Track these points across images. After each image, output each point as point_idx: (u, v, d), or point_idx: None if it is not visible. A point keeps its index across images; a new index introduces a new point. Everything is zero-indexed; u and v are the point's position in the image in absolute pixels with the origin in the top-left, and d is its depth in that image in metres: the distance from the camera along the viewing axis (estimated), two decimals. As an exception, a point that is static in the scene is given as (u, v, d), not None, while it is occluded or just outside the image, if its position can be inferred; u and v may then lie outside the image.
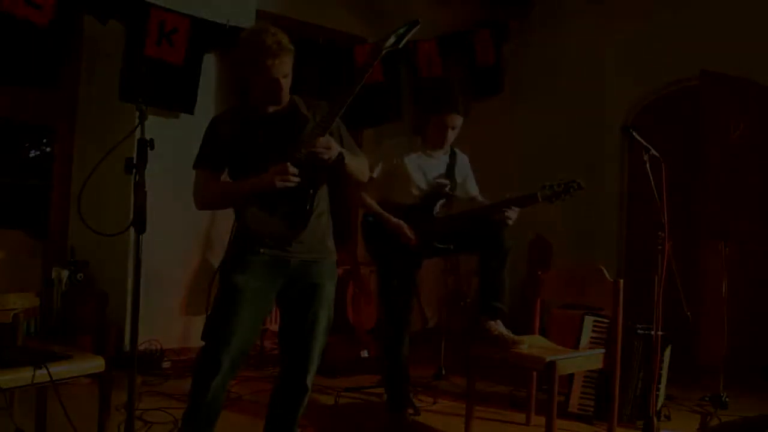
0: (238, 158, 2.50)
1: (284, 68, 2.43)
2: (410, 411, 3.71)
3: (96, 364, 2.65)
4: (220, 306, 2.49)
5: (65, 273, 4.35)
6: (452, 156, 3.65)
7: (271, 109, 2.53)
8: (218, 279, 2.55)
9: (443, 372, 4.60)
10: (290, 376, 2.59)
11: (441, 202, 3.58)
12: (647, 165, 3.24)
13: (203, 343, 2.50)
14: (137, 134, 2.09)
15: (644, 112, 5.67)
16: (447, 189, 3.59)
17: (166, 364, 4.49)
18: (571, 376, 3.75)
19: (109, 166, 2.18)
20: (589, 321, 3.61)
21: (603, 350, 3.40)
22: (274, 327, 4.41)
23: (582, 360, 3.39)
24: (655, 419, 3.30)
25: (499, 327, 3.33)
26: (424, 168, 3.57)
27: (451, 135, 3.54)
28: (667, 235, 3.21)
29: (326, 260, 2.59)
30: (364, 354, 4.81)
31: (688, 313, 3.73)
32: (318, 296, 2.55)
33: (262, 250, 2.47)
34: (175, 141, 4.03)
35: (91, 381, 2.72)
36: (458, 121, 3.50)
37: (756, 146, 4.89)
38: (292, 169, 2.36)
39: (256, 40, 2.41)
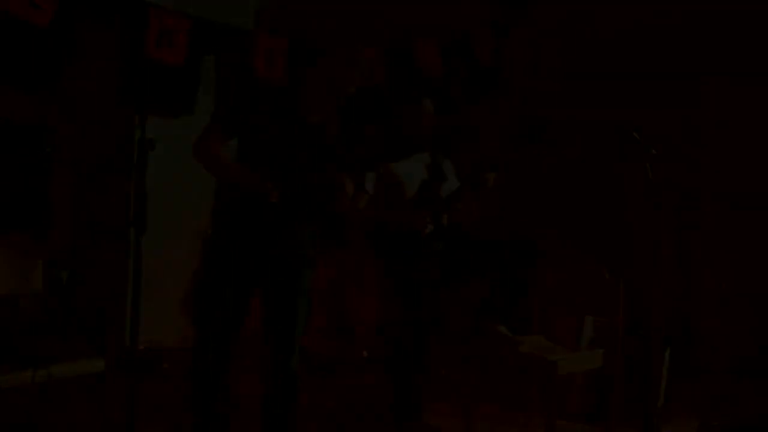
0: (255, 136, 2.56)
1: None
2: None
3: (96, 364, 2.65)
4: (203, 288, 2.59)
5: (65, 273, 4.35)
6: None
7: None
8: (201, 261, 2.62)
9: (443, 372, 4.59)
10: (275, 363, 2.66)
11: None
12: (647, 164, 3.24)
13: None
14: (137, 135, 2.09)
15: (643, 111, 5.65)
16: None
17: (166, 365, 4.49)
18: (571, 376, 3.75)
19: (110, 167, 2.18)
20: (589, 321, 3.61)
21: (603, 350, 3.40)
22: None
23: (582, 360, 3.39)
24: (655, 419, 3.30)
25: (498, 327, 3.33)
26: None
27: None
28: (667, 235, 3.21)
29: (304, 251, 2.67)
30: (364, 354, 4.81)
31: (688, 313, 3.73)
32: (297, 285, 2.64)
33: (241, 236, 2.55)
34: (174, 141, 4.02)
35: (91, 381, 2.72)
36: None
37: (756, 144, 4.88)
38: (274, 194, 2.44)
39: (352, 66, 2.56)
